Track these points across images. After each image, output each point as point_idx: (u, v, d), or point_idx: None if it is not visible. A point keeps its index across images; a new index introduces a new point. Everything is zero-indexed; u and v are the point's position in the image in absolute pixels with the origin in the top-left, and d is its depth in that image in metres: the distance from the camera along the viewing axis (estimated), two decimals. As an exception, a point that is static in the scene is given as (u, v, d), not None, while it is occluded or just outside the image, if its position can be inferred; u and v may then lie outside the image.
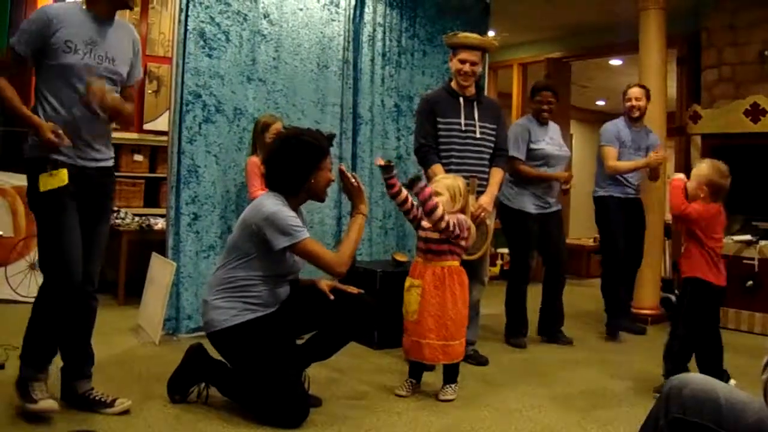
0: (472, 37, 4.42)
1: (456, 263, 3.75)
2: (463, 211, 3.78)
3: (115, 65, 3.16)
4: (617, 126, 5.55)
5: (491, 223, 4.53)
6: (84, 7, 3.12)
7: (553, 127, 5.34)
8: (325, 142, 3.44)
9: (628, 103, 5.54)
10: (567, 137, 5.77)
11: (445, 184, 3.77)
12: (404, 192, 3.77)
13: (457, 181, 3.79)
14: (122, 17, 3.35)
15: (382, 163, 3.70)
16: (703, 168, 3.85)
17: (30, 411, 3.00)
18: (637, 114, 5.51)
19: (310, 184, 3.39)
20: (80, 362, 3.30)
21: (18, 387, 3.07)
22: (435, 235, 3.70)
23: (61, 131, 2.95)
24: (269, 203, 3.30)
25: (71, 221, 3.07)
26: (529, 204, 5.10)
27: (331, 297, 3.49)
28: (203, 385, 3.45)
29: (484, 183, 4.38)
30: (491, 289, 5.06)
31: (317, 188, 3.43)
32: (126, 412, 3.24)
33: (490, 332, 5.27)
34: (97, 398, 3.25)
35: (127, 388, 3.53)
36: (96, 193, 3.21)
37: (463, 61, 4.38)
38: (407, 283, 3.81)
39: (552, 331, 5.25)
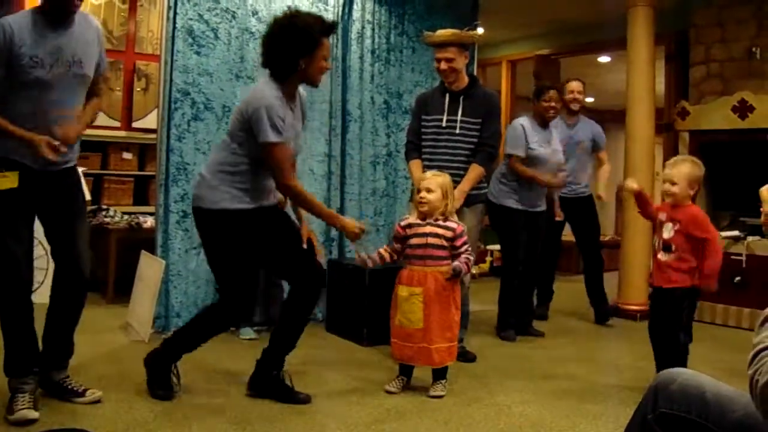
0: (438, 35, 4.38)
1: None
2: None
3: (83, 67, 3.14)
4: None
5: (473, 219, 4.52)
6: (38, 13, 3.02)
7: (554, 130, 5.35)
8: (318, 30, 3.38)
9: (570, 96, 5.70)
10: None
11: (437, 182, 3.74)
12: (386, 256, 3.85)
13: (446, 179, 3.79)
14: (111, 11, 3.35)
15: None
16: (688, 167, 3.78)
17: (9, 421, 3.01)
18: (576, 107, 5.72)
19: (301, 70, 3.39)
20: (60, 354, 3.33)
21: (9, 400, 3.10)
22: (435, 241, 3.69)
23: (57, 143, 2.93)
24: (269, 94, 3.33)
25: (19, 223, 3.08)
26: (514, 202, 5.13)
27: (304, 246, 3.55)
28: (174, 367, 3.50)
29: (459, 179, 4.29)
30: (482, 285, 5.10)
31: (309, 75, 3.44)
32: (97, 401, 3.28)
33: (480, 328, 5.28)
34: (70, 387, 3.30)
35: (116, 386, 3.53)
36: (61, 191, 3.22)
37: (438, 60, 4.38)
38: (404, 292, 3.72)
39: (523, 324, 5.30)
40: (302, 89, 3.61)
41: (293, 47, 3.33)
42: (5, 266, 3.05)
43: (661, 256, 3.80)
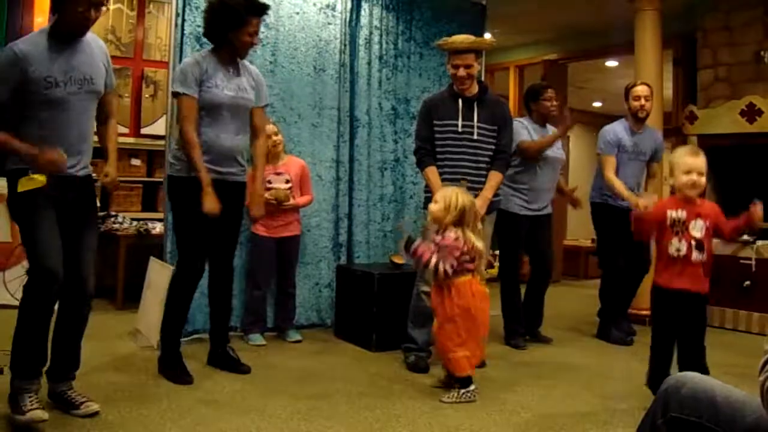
0: (460, 41, 4.35)
1: (465, 278, 3.78)
2: (461, 223, 3.74)
3: (95, 83, 3.24)
4: (616, 131, 5.36)
5: (489, 227, 4.52)
6: (49, 34, 3.12)
7: (552, 130, 5.31)
8: (246, 9, 3.79)
9: (636, 102, 5.31)
10: (563, 139, 5.74)
11: (442, 194, 3.80)
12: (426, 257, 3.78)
13: (457, 194, 3.78)
14: (119, 17, 3.39)
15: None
16: (704, 158, 3.53)
17: (18, 423, 3.00)
18: (644, 114, 5.32)
19: (230, 42, 3.85)
20: (66, 367, 3.33)
21: (9, 399, 3.09)
22: None
23: (61, 153, 3.03)
24: (190, 55, 4.03)
25: (48, 219, 3.09)
26: (518, 206, 5.10)
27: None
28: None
29: (480, 186, 4.30)
30: (490, 291, 5.07)
31: (236, 47, 3.87)
32: (94, 414, 3.24)
33: (489, 334, 5.26)
34: (67, 397, 3.28)
35: (125, 392, 3.54)
36: (79, 198, 3.26)
37: (456, 66, 4.34)
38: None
39: (531, 330, 5.28)
40: (254, 68, 4.15)
41: (223, 23, 3.80)
42: (37, 261, 3.06)
43: (696, 256, 3.49)
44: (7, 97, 3.03)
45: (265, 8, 3.92)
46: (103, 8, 3.34)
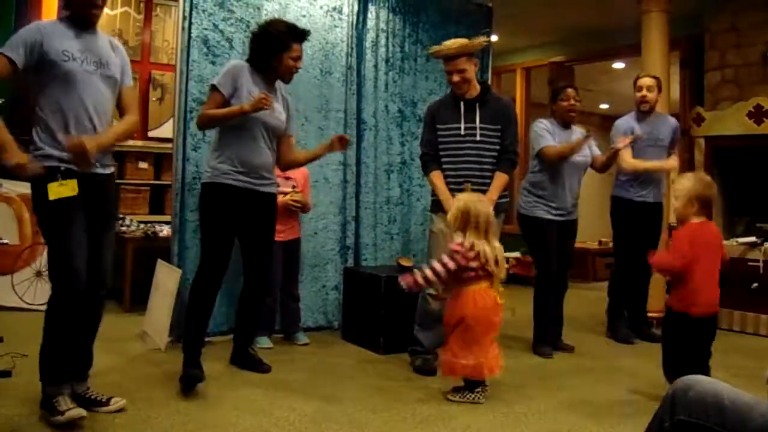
0: (447, 47, 4.34)
1: (474, 286, 3.76)
2: (465, 227, 3.75)
3: (110, 69, 3.27)
4: (628, 122, 5.45)
5: (498, 230, 4.49)
6: (64, 20, 3.21)
7: (576, 132, 5.15)
8: (288, 36, 3.96)
9: (638, 94, 5.41)
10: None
11: (453, 202, 3.90)
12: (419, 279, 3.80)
13: (460, 200, 3.83)
14: (127, 21, 3.42)
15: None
16: (686, 183, 3.72)
17: (59, 423, 3.03)
18: (646, 108, 5.38)
19: (273, 68, 3.99)
20: (81, 366, 3.35)
21: (43, 406, 3.12)
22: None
23: (23, 163, 2.99)
24: (242, 59, 4.16)
25: (78, 233, 3.10)
26: (544, 211, 4.98)
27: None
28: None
29: (485, 188, 4.26)
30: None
31: (280, 72, 4.03)
32: (121, 410, 3.31)
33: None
34: (93, 397, 3.33)
35: (133, 395, 3.54)
36: (101, 200, 3.26)
37: (449, 72, 4.35)
38: None
39: (552, 338, 5.11)
40: (288, 96, 4.24)
41: (267, 48, 3.95)
42: (64, 274, 3.07)
43: None
44: (23, 62, 3.04)
45: (306, 34, 4.06)
46: None
